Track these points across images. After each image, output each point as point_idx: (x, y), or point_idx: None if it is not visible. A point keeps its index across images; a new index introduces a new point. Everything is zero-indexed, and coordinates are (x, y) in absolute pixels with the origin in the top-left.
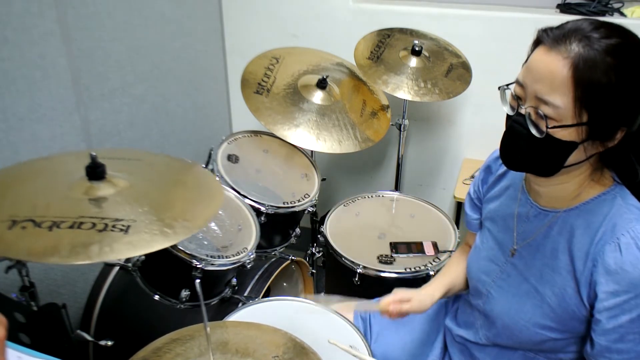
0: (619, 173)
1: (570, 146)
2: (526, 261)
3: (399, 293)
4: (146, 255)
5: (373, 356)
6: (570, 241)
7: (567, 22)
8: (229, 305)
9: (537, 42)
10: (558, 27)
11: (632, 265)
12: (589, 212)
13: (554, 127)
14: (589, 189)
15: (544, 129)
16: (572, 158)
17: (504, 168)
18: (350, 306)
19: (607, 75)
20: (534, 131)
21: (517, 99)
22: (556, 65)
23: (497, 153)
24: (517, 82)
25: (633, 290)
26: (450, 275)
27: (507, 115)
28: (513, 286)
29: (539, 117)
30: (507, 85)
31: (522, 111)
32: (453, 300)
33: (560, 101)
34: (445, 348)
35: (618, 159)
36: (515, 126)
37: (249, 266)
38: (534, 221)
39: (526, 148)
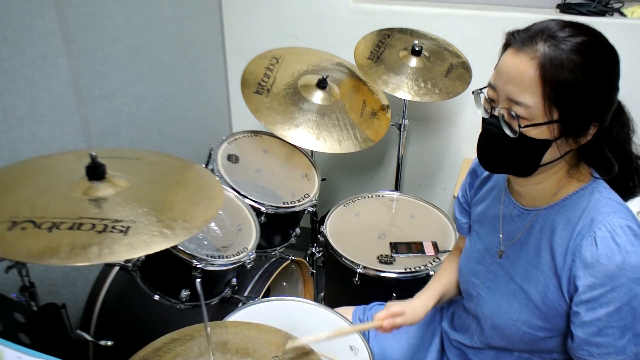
0: (596, 168)
1: (544, 144)
2: (512, 261)
3: (392, 307)
4: (146, 256)
5: (373, 357)
6: (552, 238)
7: (534, 24)
8: (229, 305)
9: (506, 45)
10: (525, 29)
11: (607, 257)
12: (568, 207)
13: (527, 125)
14: (568, 185)
15: (517, 128)
16: (547, 156)
17: None
18: (349, 308)
19: (574, 73)
20: (507, 131)
21: (491, 101)
22: (524, 66)
23: None
24: (490, 85)
25: (609, 282)
26: (442, 282)
27: (483, 118)
28: (500, 287)
29: (512, 117)
30: (481, 89)
31: (496, 113)
32: (448, 305)
33: (530, 100)
34: (442, 352)
35: (593, 155)
36: (490, 128)
37: (249, 266)
38: (517, 221)
39: (502, 149)
